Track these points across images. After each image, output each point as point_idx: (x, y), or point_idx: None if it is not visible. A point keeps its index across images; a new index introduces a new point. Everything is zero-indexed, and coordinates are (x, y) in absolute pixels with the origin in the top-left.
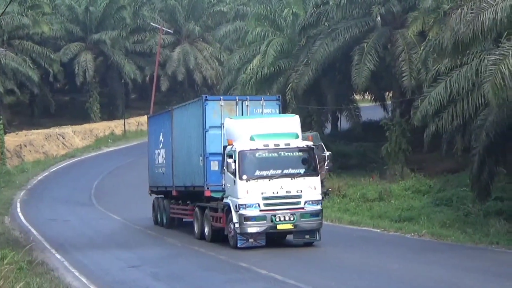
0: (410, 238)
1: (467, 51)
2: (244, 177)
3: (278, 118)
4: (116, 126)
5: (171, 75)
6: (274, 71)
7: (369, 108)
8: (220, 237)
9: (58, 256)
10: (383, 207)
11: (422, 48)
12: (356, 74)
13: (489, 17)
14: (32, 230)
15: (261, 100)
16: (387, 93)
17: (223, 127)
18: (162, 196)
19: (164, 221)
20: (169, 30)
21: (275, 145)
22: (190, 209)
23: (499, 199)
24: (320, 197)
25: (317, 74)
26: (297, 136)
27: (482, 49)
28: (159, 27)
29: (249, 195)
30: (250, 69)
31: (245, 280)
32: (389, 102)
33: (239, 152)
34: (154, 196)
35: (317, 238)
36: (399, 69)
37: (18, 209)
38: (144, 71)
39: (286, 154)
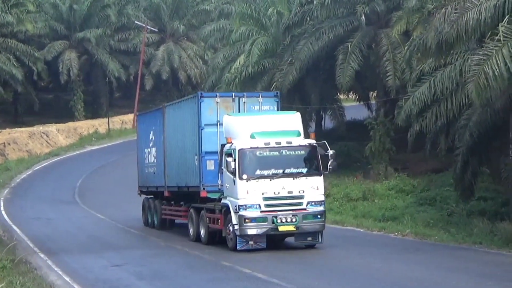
0: (393, 237)
1: (451, 51)
2: (244, 176)
3: (279, 115)
4: (100, 124)
5: (155, 74)
6: (258, 70)
7: (353, 108)
8: (216, 239)
9: (42, 255)
10: (366, 207)
11: (406, 47)
12: (341, 73)
13: (473, 17)
14: (16, 228)
15: (259, 96)
16: (371, 92)
17: (219, 124)
18: (152, 196)
19: (155, 222)
20: (153, 29)
21: (277, 143)
22: (184, 210)
23: (482, 199)
24: (323, 198)
25: (302, 73)
26: (299, 134)
27: (466, 49)
28: (144, 25)
29: (250, 196)
30: (235, 68)
31: (228, 279)
32: (373, 101)
33: (239, 150)
34: (144, 196)
35: (320, 240)
36: (383, 69)
37: (1, 208)
38: (128, 69)
39: (288, 152)
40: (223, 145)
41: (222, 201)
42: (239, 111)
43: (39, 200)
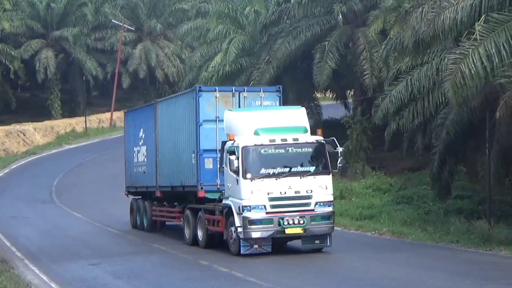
0: (370, 236)
1: (428, 50)
2: (249, 175)
3: (284, 110)
4: (77, 123)
5: (132, 73)
6: (235, 68)
7: (330, 106)
8: (215, 243)
9: (18, 254)
10: (344, 205)
11: (383, 46)
12: (318, 72)
13: (449, 16)
14: None
15: (260, 91)
16: (349, 91)
17: (219, 120)
18: (140, 197)
19: (145, 224)
20: (130, 28)
21: (282, 140)
22: (178, 211)
23: (459, 198)
24: (331, 198)
25: (279, 72)
26: (306, 130)
27: (443, 48)
28: (121, 24)
29: (254, 196)
30: (212, 66)
31: (205, 278)
32: (350, 100)
33: (243, 148)
34: (131, 197)
35: (328, 243)
36: (361, 68)
37: None
38: (105, 68)
39: (294, 150)
40: (224, 142)
41: (223, 201)
42: (239, 107)
43: (15, 199)
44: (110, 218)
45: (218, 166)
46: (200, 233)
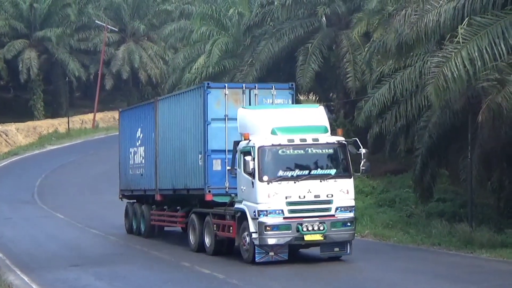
0: None
1: (411, 53)
2: (265, 178)
3: (302, 108)
4: (60, 124)
5: (115, 74)
6: (219, 70)
7: None
8: (224, 249)
9: (0, 254)
10: None
11: (366, 49)
12: (301, 74)
13: (432, 19)
14: None
15: (272, 88)
16: (332, 93)
17: (228, 119)
18: (135, 201)
19: (142, 229)
20: (114, 28)
21: (301, 140)
22: (181, 216)
23: (441, 201)
24: (353, 203)
25: (262, 74)
26: (326, 130)
27: (426, 51)
28: (104, 25)
29: (271, 200)
30: (195, 68)
31: (187, 279)
32: (333, 103)
33: (259, 148)
34: (126, 201)
35: (348, 251)
36: (344, 70)
37: None
38: (88, 69)
39: (314, 151)
40: (236, 142)
41: (236, 205)
42: (249, 104)
43: None
44: (92, 219)
45: (230, 167)
46: (207, 239)
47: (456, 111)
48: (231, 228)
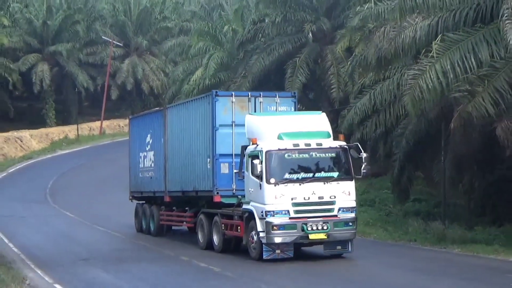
0: None
1: (389, 66)
2: (272, 180)
3: (306, 115)
4: (70, 130)
5: (120, 85)
6: (214, 82)
7: None
8: (232, 247)
9: (15, 250)
10: None
11: (349, 63)
12: (289, 86)
13: (409, 36)
14: None
15: (276, 96)
16: (317, 103)
17: (235, 125)
18: (144, 202)
19: (151, 228)
20: (119, 44)
21: (306, 144)
22: (189, 216)
23: (417, 201)
24: (354, 204)
25: (254, 85)
26: (329, 135)
27: (403, 64)
28: (110, 40)
29: (278, 201)
30: (193, 80)
31: (185, 272)
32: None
33: (266, 152)
34: (135, 202)
35: (349, 249)
36: (328, 82)
37: None
38: (96, 80)
39: (318, 155)
40: (244, 147)
41: (244, 206)
42: (255, 111)
43: (13, 200)
44: (99, 218)
45: (237, 170)
46: (216, 238)
47: (430, 119)
48: (239, 227)
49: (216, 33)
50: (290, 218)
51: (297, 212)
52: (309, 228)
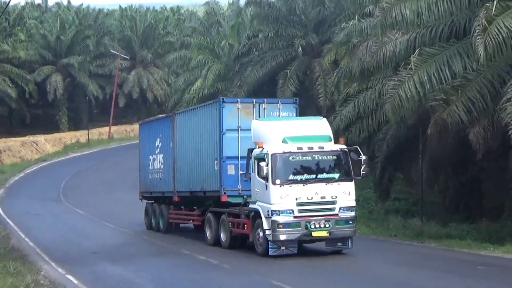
0: None
1: (372, 77)
2: (278, 181)
3: (308, 120)
4: (81, 135)
5: (127, 94)
6: (213, 91)
7: None
8: (238, 244)
9: (31, 244)
10: None
11: (335, 74)
12: (281, 95)
13: (389, 50)
14: (9, 221)
15: (278, 103)
16: (306, 111)
17: (240, 130)
18: (153, 201)
19: (161, 226)
20: (126, 57)
21: (309, 148)
22: (197, 214)
23: (397, 200)
24: (354, 203)
25: (248, 94)
26: (330, 139)
27: (384, 75)
28: (118, 53)
29: (283, 201)
30: (193, 90)
31: (186, 264)
32: None
33: (272, 155)
34: (145, 201)
35: (349, 245)
36: (316, 91)
37: None
38: (105, 90)
39: (320, 157)
40: (250, 150)
41: (250, 205)
42: (259, 117)
43: (29, 198)
44: (107, 215)
45: (243, 172)
46: (223, 235)
47: (409, 125)
48: (245, 225)
49: (214, 47)
50: (294, 217)
51: (301, 211)
52: (312, 226)
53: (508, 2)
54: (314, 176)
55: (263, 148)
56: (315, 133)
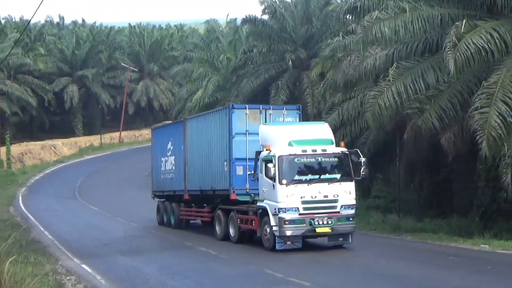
0: None
1: (354, 88)
2: (284, 181)
3: (312, 125)
4: (94, 139)
5: (136, 102)
6: (212, 100)
7: None
8: (246, 239)
9: (50, 236)
10: None
11: (321, 85)
12: (273, 103)
13: (370, 63)
14: (30, 216)
15: (283, 109)
16: None
17: (248, 133)
18: (164, 200)
19: (172, 222)
20: (134, 69)
21: (313, 150)
22: (207, 211)
23: (377, 197)
24: (354, 202)
25: (244, 103)
26: (332, 142)
27: (365, 86)
28: (127, 66)
29: (289, 199)
30: (195, 99)
31: (188, 254)
32: None
33: (279, 157)
34: (157, 199)
35: (350, 241)
36: (305, 101)
37: (20, 201)
38: (116, 99)
39: (323, 159)
40: (258, 152)
41: (258, 203)
42: (265, 122)
43: (48, 196)
44: (118, 211)
45: (251, 172)
46: (231, 231)
47: (388, 131)
48: (253, 221)
49: (214, 60)
50: (299, 214)
51: (305, 209)
52: (316, 223)
53: (476, 21)
54: (317, 176)
55: (270, 151)
56: (318, 136)
